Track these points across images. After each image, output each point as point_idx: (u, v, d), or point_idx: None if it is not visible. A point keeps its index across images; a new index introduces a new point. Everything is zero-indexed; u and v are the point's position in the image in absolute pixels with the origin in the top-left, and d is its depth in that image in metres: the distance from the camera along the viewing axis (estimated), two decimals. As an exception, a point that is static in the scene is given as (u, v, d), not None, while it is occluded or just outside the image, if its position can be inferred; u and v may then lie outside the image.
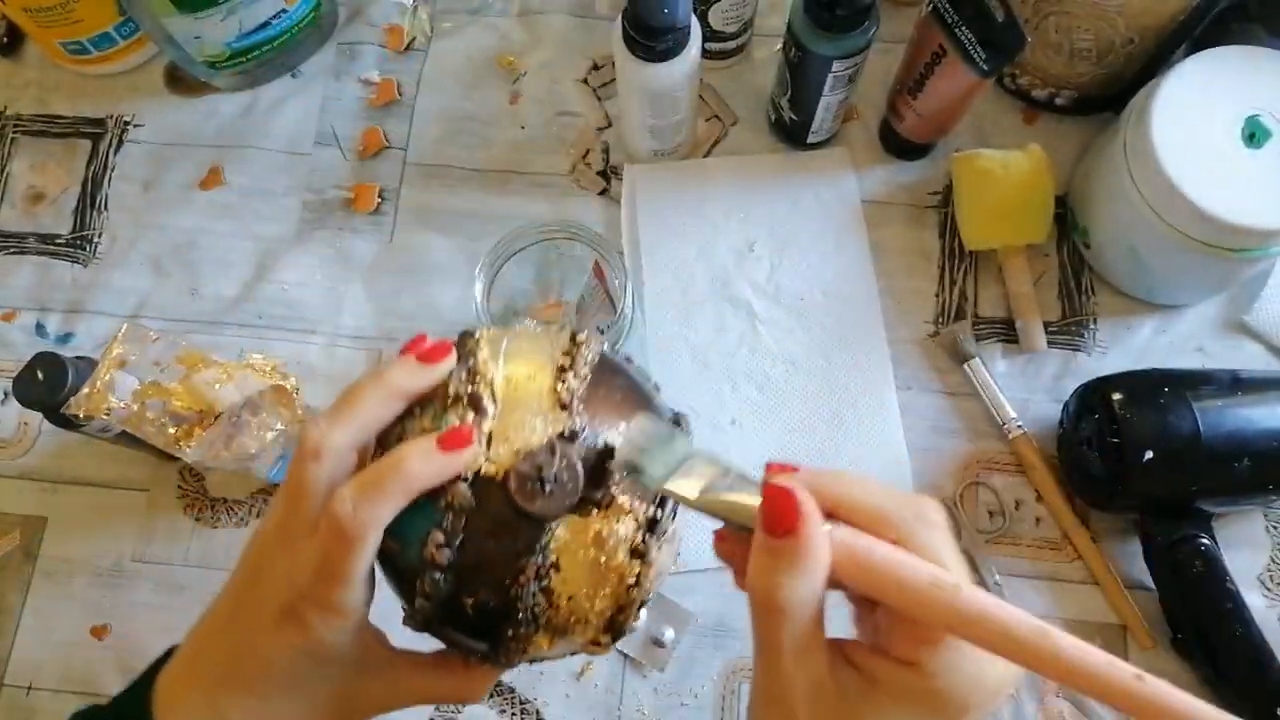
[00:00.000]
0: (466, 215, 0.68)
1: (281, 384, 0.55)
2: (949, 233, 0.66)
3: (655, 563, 0.35)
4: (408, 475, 0.33)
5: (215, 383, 0.53)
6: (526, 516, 0.34)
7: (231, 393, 0.53)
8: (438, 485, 0.34)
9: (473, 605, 0.35)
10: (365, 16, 0.73)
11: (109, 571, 0.60)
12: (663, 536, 0.36)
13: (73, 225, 0.68)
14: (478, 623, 0.36)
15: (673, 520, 0.36)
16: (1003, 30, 0.55)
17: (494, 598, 0.35)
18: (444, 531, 0.34)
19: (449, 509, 0.34)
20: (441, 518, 0.34)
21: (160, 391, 0.52)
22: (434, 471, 0.34)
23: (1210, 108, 0.55)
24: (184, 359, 0.54)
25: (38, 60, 0.72)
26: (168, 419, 0.52)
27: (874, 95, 0.69)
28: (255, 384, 0.54)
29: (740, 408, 0.62)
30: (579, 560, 0.35)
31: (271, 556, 0.36)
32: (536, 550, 0.34)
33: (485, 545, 0.34)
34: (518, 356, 0.38)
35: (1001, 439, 0.61)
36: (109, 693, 0.57)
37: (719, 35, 0.67)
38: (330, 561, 0.34)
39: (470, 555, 0.35)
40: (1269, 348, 0.63)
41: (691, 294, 0.65)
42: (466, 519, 0.34)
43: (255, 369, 0.55)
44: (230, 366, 0.54)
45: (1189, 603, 0.54)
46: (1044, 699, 0.56)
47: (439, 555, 0.34)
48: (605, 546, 0.35)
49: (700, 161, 0.69)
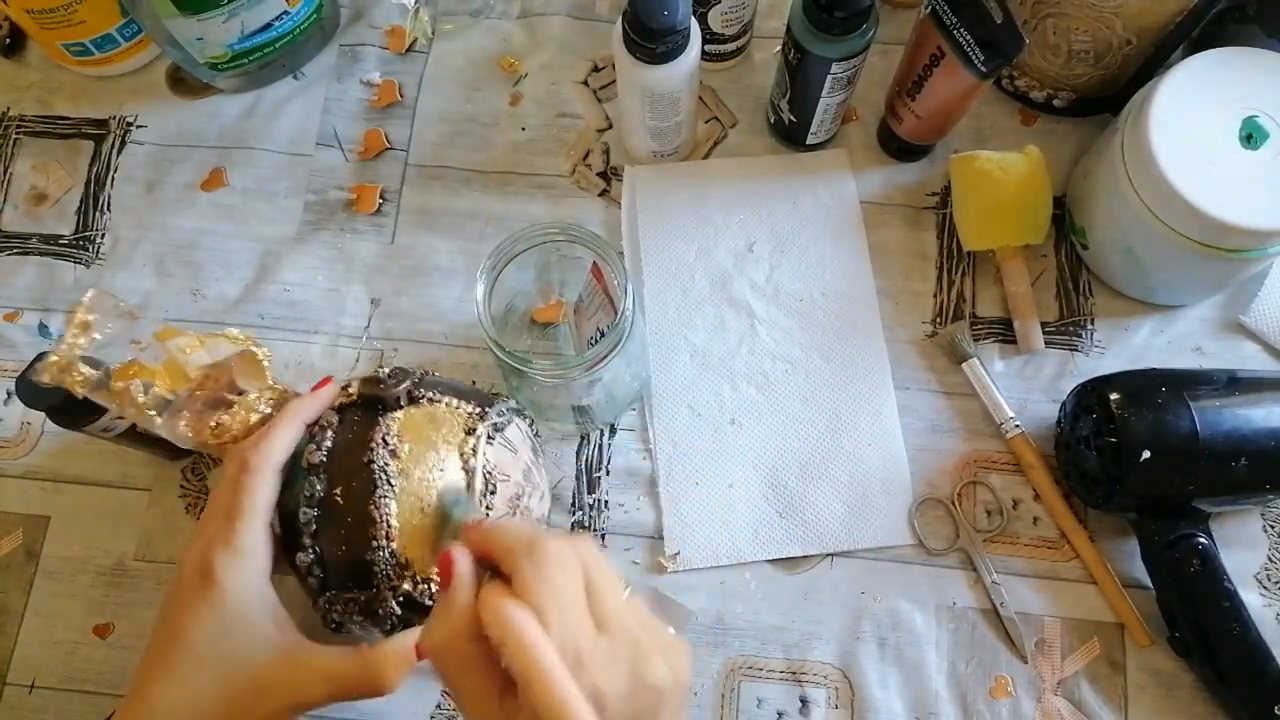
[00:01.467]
0: (467, 216, 0.68)
1: (253, 350, 0.54)
2: (947, 233, 0.67)
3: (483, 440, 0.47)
4: (298, 408, 0.46)
5: (187, 348, 0.53)
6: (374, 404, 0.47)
7: (202, 357, 0.53)
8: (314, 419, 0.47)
9: (341, 495, 0.45)
10: (367, 18, 0.73)
11: (111, 570, 0.60)
12: (492, 427, 0.49)
13: (75, 226, 0.68)
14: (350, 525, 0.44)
15: (500, 418, 0.49)
16: (1001, 32, 0.55)
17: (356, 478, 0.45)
18: (315, 444, 0.46)
19: (318, 427, 0.47)
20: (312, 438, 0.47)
21: (143, 371, 0.52)
22: (313, 404, 0.47)
23: (1208, 109, 0.55)
24: (160, 334, 0.54)
25: (40, 61, 0.72)
26: (150, 398, 0.52)
27: (873, 97, 0.69)
28: (226, 349, 0.53)
29: (740, 408, 0.62)
30: (420, 432, 0.47)
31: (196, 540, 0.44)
32: (379, 422, 0.46)
33: (344, 439, 0.47)
34: None
35: (999, 439, 0.61)
36: (111, 691, 0.58)
37: (718, 37, 0.67)
38: (236, 498, 0.43)
39: (336, 452, 0.46)
40: (1266, 348, 0.63)
41: (691, 295, 0.65)
42: (331, 431, 0.47)
43: (228, 337, 0.55)
44: (203, 336, 0.54)
45: (1186, 601, 0.54)
46: (1042, 697, 0.56)
47: (313, 457, 0.46)
48: (439, 425, 0.48)
49: (700, 163, 0.69)
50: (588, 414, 0.60)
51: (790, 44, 0.60)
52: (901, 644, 0.57)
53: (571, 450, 0.62)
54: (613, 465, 0.62)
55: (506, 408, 0.51)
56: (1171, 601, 0.55)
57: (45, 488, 0.62)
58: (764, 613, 0.58)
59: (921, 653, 0.57)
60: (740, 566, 0.59)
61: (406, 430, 0.47)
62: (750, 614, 0.58)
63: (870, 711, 0.56)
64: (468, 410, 0.49)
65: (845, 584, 0.59)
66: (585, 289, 0.58)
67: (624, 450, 0.62)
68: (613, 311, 0.55)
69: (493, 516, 0.47)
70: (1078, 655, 0.57)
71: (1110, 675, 0.56)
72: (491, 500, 0.47)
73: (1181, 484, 0.54)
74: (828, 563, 0.60)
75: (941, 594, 0.58)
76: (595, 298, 0.57)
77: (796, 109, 0.64)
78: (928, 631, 0.58)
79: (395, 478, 0.45)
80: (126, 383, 0.50)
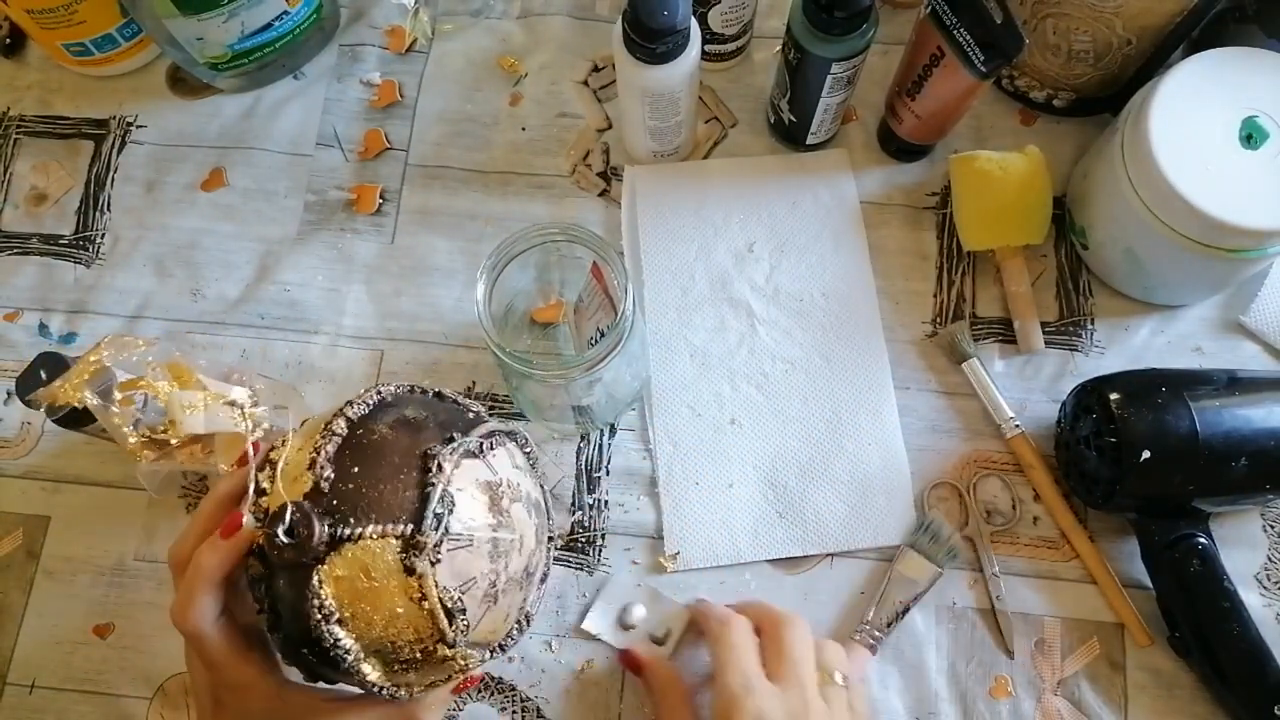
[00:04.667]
0: (467, 217, 0.68)
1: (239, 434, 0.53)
2: (947, 233, 0.67)
3: (429, 574, 0.40)
4: (204, 569, 0.42)
5: (189, 408, 0.52)
6: (296, 567, 0.40)
7: (196, 424, 0.52)
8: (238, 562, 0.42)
9: (305, 653, 0.41)
10: (367, 19, 0.73)
11: (111, 570, 0.60)
12: (434, 549, 0.40)
13: (76, 226, 0.68)
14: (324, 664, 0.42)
15: (435, 532, 0.40)
16: (1001, 32, 0.55)
17: (307, 644, 0.41)
18: (255, 598, 0.42)
19: (251, 579, 0.42)
20: (252, 587, 0.42)
21: (149, 387, 0.52)
22: (222, 558, 0.42)
23: (1208, 109, 0.55)
24: (173, 370, 0.53)
25: (40, 61, 0.72)
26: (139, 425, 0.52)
27: (873, 97, 0.69)
28: (225, 423, 0.53)
29: (739, 408, 0.62)
30: (359, 590, 0.40)
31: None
32: (311, 593, 0.39)
33: (281, 598, 0.41)
34: (299, 438, 0.44)
35: (999, 439, 0.61)
36: (112, 692, 0.58)
37: (718, 37, 0.67)
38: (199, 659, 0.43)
39: (277, 611, 0.41)
40: (1266, 348, 0.63)
41: (691, 294, 0.65)
42: (264, 583, 0.42)
43: (238, 408, 0.54)
44: (210, 396, 0.53)
45: (1186, 601, 0.54)
46: (1041, 697, 0.56)
47: (259, 621, 0.42)
48: (372, 573, 0.40)
49: (700, 163, 0.69)
50: (588, 414, 0.60)
51: (790, 44, 0.60)
52: (901, 644, 0.57)
53: (571, 450, 0.62)
54: (613, 465, 0.62)
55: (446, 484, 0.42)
56: (1171, 601, 0.55)
57: (45, 488, 0.62)
58: (764, 613, 0.58)
59: (921, 653, 0.57)
60: (740, 566, 0.59)
61: (344, 593, 0.40)
62: (750, 614, 0.58)
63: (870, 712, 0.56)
64: (395, 535, 0.40)
65: (845, 584, 0.59)
66: (585, 289, 0.58)
67: (624, 450, 0.62)
68: (613, 311, 0.55)
69: (473, 622, 0.42)
70: (1078, 655, 0.57)
71: (1110, 675, 0.56)
72: (465, 621, 0.42)
73: (1181, 484, 0.54)
74: (828, 563, 0.60)
75: (941, 594, 0.58)
76: (595, 298, 0.57)
77: (796, 109, 0.64)
78: (928, 631, 0.58)
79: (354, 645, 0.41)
80: (129, 394, 0.51)
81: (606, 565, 0.59)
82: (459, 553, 0.41)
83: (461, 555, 0.41)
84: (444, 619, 0.41)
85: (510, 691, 0.57)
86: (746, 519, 0.60)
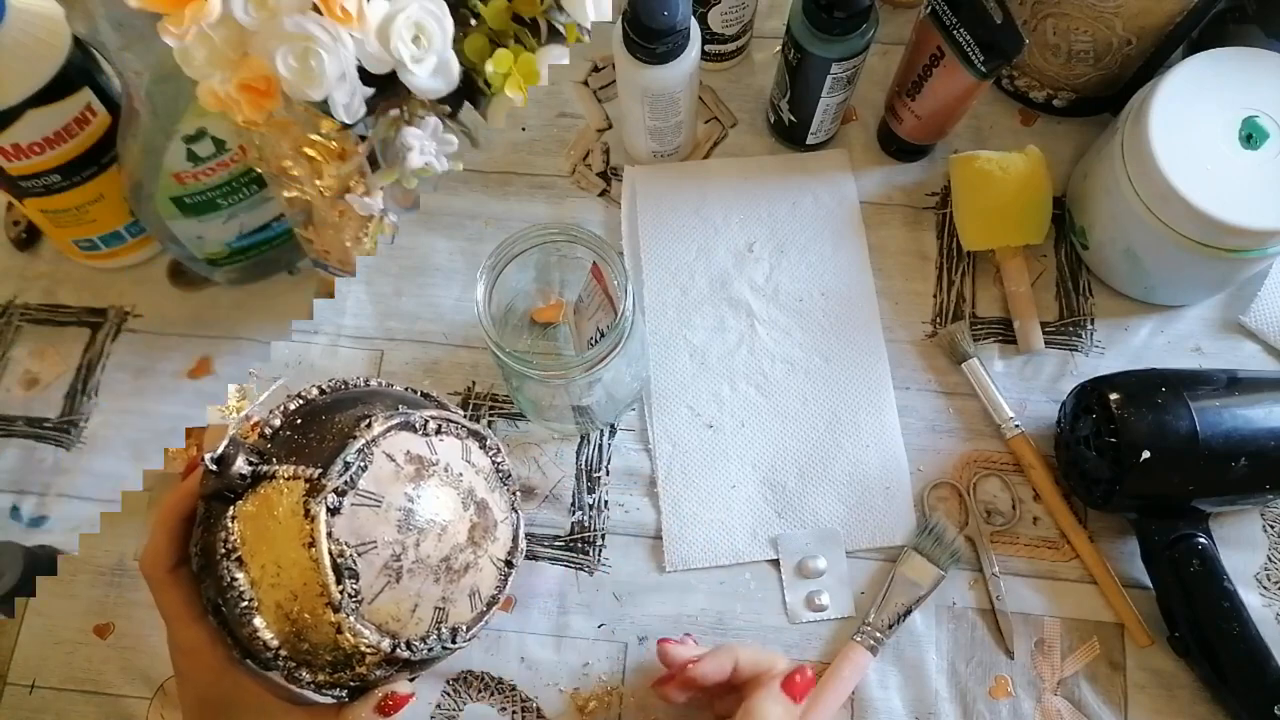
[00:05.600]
0: (467, 217, 0.68)
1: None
2: (947, 233, 0.67)
3: (321, 519, 0.39)
4: (162, 509, 0.44)
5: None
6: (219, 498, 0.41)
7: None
8: (193, 501, 0.43)
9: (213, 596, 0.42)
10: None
11: (111, 571, 0.60)
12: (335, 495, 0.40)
13: (62, 410, 0.66)
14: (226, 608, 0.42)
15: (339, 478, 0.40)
16: (1001, 32, 0.55)
17: (216, 587, 0.41)
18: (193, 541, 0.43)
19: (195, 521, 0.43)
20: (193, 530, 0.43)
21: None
22: (179, 497, 0.44)
23: (1207, 109, 0.55)
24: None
25: (52, 255, 0.70)
26: None
27: (873, 97, 0.69)
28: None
29: (739, 408, 0.62)
30: (260, 528, 0.40)
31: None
32: (221, 525, 0.41)
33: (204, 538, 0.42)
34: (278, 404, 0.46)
35: (999, 439, 0.61)
36: (112, 691, 0.58)
37: (718, 37, 0.68)
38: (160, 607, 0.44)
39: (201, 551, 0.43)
40: (1266, 347, 0.63)
41: (691, 295, 0.65)
42: (202, 525, 0.43)
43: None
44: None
45: (1186, 601, 0.54)
46: (1041, 697, 0.56)
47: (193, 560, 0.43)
48: (275, 511, 0.40)
49: (700, 163, 0.69)
50: (588, 414, 0.60)
51: (790, 44, 0.60)
52: (901, 644, 0.57)
53: (571, 450, 0.62)
54: (612, 465, 0.62)
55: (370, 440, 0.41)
56: (1171, 601, 0.55)
57: (45, 489, 0.62)
58: (764, 613, 0.58)
59: (921, 652, 0.57)
60: (740, 566, 0.59)
61: (249, 530, 0.40)
62: (750, 614, 0.58)
63: (870, 712, 0.56)
64: (305, 478, 0.40)
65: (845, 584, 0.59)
66: (585, 289, 0.58)
67: (624, 450, 0.62)
68: (613, 311, 0.55)
69: (368, 593, 0.40)
70: (1078, 655, 0.57)
71: (1110, 675, 0.56)
72: (356, 587, 0.40)
73: (1181, 484, 0.54)
74: (828, 563, 0.60)
75: (941, 594, 0.58)
76: (595, 298, 0.57)
77: (796, 109, 0.64)
78: (928, 631, 0.58)
79: (249, 591, 0.40)
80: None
81: (606, 565, 0.59)
82: (362, 510, 0.40)
83: (365, 513, 0.40)
84: (330, 572, 0.39)
85: (510, 691, 0.57)
86: (746, 519, 0.60)
